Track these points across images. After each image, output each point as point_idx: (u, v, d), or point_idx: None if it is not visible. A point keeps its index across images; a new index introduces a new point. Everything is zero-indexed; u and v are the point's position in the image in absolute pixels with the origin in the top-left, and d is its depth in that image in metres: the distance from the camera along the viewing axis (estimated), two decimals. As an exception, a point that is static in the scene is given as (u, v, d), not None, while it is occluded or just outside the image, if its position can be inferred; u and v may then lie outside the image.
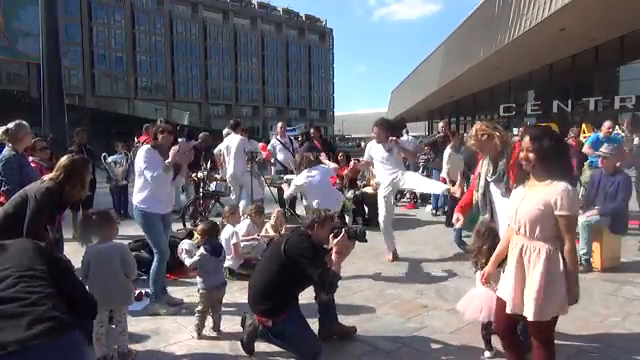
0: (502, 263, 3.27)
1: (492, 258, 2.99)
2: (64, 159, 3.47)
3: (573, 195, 2.51)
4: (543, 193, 2.50)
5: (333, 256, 3.46)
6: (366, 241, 3.96)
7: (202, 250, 3.87)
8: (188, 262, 3.90)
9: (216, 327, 3.82)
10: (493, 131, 3.38)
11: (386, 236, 5.95)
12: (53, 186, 3.32)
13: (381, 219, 5.96)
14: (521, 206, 2.56)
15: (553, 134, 2.61)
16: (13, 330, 1.59)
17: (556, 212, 2.46)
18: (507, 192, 3.35)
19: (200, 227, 4.15)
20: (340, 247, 3.48)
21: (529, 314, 2.52)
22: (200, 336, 3.73)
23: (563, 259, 2.50)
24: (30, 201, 3.26)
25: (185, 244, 4.39)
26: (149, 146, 4.36)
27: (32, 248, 2.00)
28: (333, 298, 3.73)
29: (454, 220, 3.85)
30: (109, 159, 8.92)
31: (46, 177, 3.44)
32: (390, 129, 5.97)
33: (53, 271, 1.91)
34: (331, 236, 3.53)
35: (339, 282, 3.50)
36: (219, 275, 3.91)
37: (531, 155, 2.53)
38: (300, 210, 7.66)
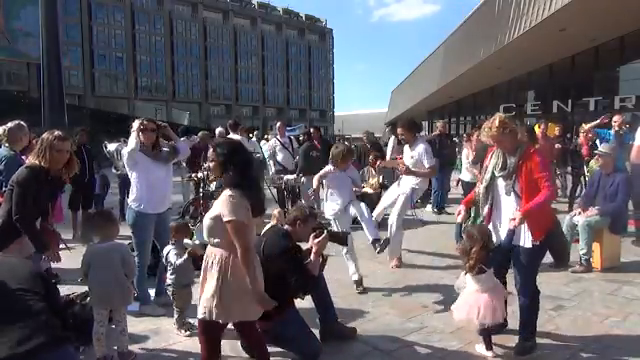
0: (485, 265, 3.27)
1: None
2: (39, 139, 3.48)
3: (237, 201, 2.62)
4: (217, 203, 2.68)
5: (312, 256, 3.40)
6: (346, 245, 4.00)
7: (171, 250, 3.86)
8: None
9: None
10: (516, 127, 3.33)
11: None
12: (33, 164, 3.32)
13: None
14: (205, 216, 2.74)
15: (232, 148, 2.74)
16: (5, 346, 1.58)
17: (224, 219, 2.61)
18: (511, 190, 3.33)
19: (172, 225, 4.11)
20: (319, 248, 3.43)
21: (200, 314, 2.77)
22: (186, 331, 3.75)
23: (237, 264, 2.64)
24: (14, 186, 3.26)
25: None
26: None
27: (29, 266, 2.00)
28: (330, 299, 3.73)
29: (456, 213, 3.80)
30: (110, 147, 8.80)
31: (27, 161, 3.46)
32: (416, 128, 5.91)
33: (47, 289, 1.90)
34: (312, 235, 3.47)
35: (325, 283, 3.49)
36: (188, 274, 3.88)
37: (212, 164, 2.73)
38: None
